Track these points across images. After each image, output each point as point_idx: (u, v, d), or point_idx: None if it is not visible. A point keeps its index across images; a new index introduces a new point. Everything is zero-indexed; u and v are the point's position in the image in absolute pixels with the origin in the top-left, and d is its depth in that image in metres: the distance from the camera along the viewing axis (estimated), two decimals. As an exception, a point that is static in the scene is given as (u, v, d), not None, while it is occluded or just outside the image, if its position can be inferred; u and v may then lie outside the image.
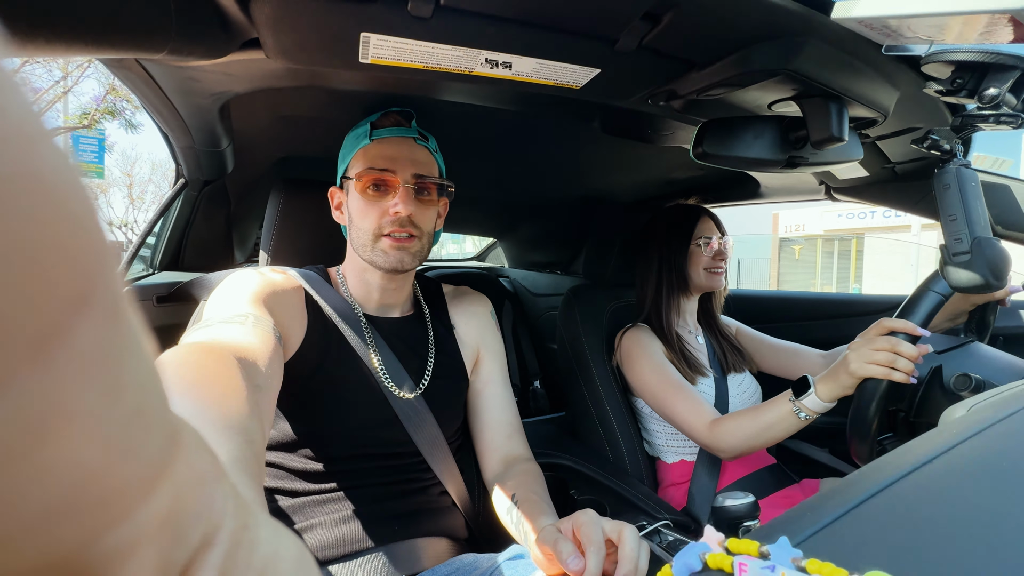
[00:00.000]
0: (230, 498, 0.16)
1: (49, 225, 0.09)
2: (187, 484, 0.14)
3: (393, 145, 0.75)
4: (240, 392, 0.42)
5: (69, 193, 0.10)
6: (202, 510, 0.14)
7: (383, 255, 0.73)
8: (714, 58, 0.61)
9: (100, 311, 0.11)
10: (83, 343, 0.10)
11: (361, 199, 0.74)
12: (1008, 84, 0.56)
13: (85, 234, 0.10)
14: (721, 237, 1.14)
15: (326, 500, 0.71)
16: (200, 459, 0.15)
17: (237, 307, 0.60)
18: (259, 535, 0.16)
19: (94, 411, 0.11)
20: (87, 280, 0.10)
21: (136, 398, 0.12)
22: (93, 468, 0.11)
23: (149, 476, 0.12)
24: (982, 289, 0.64)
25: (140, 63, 0.66)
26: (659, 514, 0.89)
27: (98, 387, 0.11)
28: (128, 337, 0.12)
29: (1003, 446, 0.33)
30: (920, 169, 0.95)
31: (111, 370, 0.11)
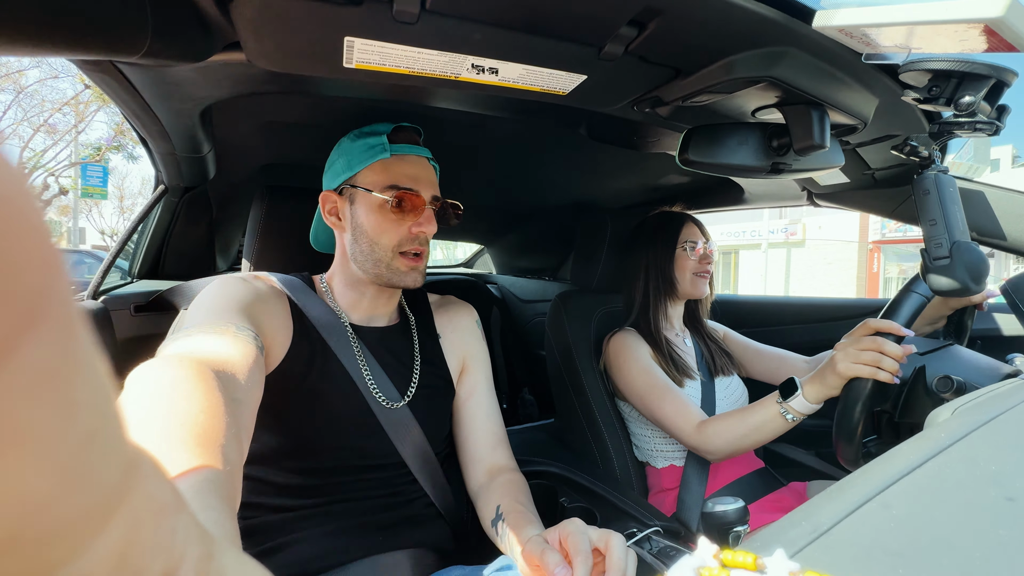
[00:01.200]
0: (192, 528, 0.15)
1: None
2: (145, 515, 0.13)
3: (415, 165, 0.75)
4: (216, 407, 0.41)
5: (16, 207, 0.10)
6: (162, 542, 0.13)
7: (399, 274, 0.74)
8: (699, 65, 0.61)
9: (51, 328, 0.10)
10: (32, 361, 0.10)
11: (380, 215, 0.73)
12: (983, 92, 0.58)
13: (33, 250, 0.10)
14: (706, 242, 1.15)
15: (310, 514, 0.69)
16: (159, 489, 0.14)
17: (218, 316, 0.59)
18: (224, 565, 0.15)
19: (43, 434, 0.10)
20: (36, 296, 0.10)
21: (89, 421, 0.11)
22: (42, 498, 0.10)
23: (103, 507, 0.12)
24: (961, 292, 0.65)
25: (116, 66, 0.64)
26: (649, 521, 0.88)
27: (48, 408, 0.10)
28: (81, 356, 0.11)
29: (990, 450, 0.33)
30: (899, 175, 0.97)
31: (62, 390, 0.10)
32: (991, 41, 0.47)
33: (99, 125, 15.46)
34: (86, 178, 10.03)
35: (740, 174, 0.74)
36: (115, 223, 15.78)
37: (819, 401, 0.82)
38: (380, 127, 0.77)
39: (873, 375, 0.76)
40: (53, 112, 11.00)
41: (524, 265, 2.21)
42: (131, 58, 0.49)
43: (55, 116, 11.01)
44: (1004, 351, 0.85)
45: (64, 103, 10.94)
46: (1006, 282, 0.78)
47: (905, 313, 0.77)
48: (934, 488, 0.28)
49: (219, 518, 0.31)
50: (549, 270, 2.12)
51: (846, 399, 0.79)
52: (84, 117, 11.14)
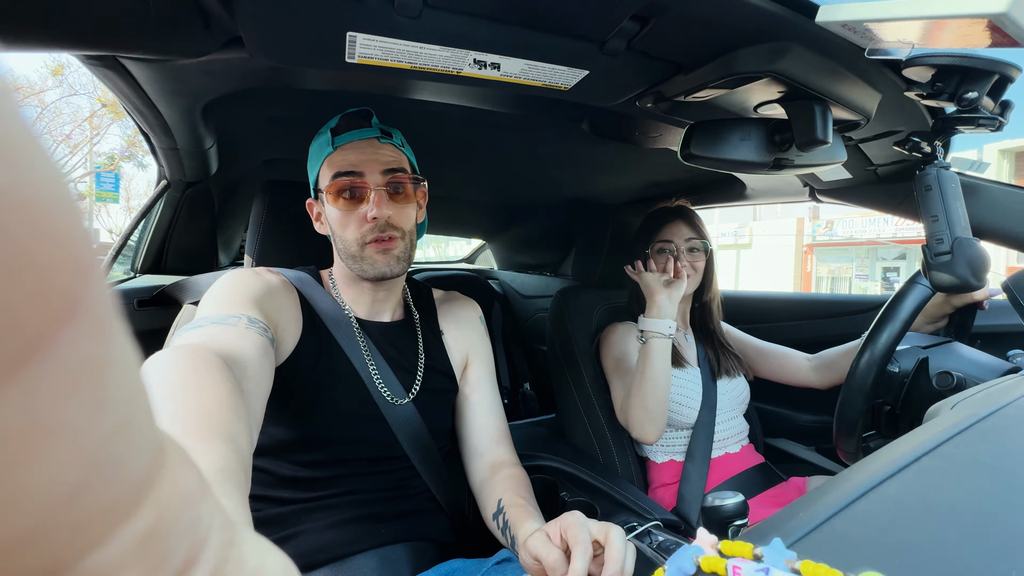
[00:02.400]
0: (216, 515, 0.15)
1: (35, 236, 0.09)
2: (171, 502, 0.13)
3: (357, 149, 0.72)
4: (227, 398, 0.41)
5: (56, 205, 0.10)
6: (186, 529, 0.14)
7: (372, 265, 0.72)
8: (701, 60, 0.61)
9: (86, 323, 0.10)
10: (67, 356, 0.10)
11: (336, 210, 0.72)
12: (986, 88, 0.58)
13: (71, 246, 0.10)
14: (690, 239, 1.12)
15: (314, 507, 0.70)
16: (185, 476, 0.14)
17: (230, 308, 0.59)
18: (245, 551, 0.16)
19: (76, 427, 0.10)
20: (72, 291, 0.10)
21: (121, 413, 0.11)
22: (72, 488, 0.10)
23: (131, 495, 0.12)
24: (963, 288, 0.65)
25: (120, 61, 0.65)
26: (649, 515, 0.89)
27: (81, 402, 0.10)
28: (114, 350, 0.11)
29: (988, 443, 0.33)
30: (901, 171, 0.97)
31: (95, 384, 0.11)
32: (995, 37, 0.47)
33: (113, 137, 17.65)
34: (100, 184, 11.07)
35: (742, 170, 0.74)
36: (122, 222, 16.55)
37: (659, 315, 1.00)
38: (332, 122, 0.75)
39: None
40: (74, 128, 12.31)
41: (525, 261, 2.21)
42: (133, 53, 0.49)
43: (74, 130, 12.30)
44: (1005, 348, 0.85)
45: (84, 119, 12.27)
46: (1007, 278, 0.78)
47: (907, 309, 0.78)
48: (931, 481, 0.28)
49: (233, 506, 0.32)
50: (550, 266, 2.12)
51: (847, 394, 0.79)
52: (98, 128, 12.41)
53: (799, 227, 15.57)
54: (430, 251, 5.46)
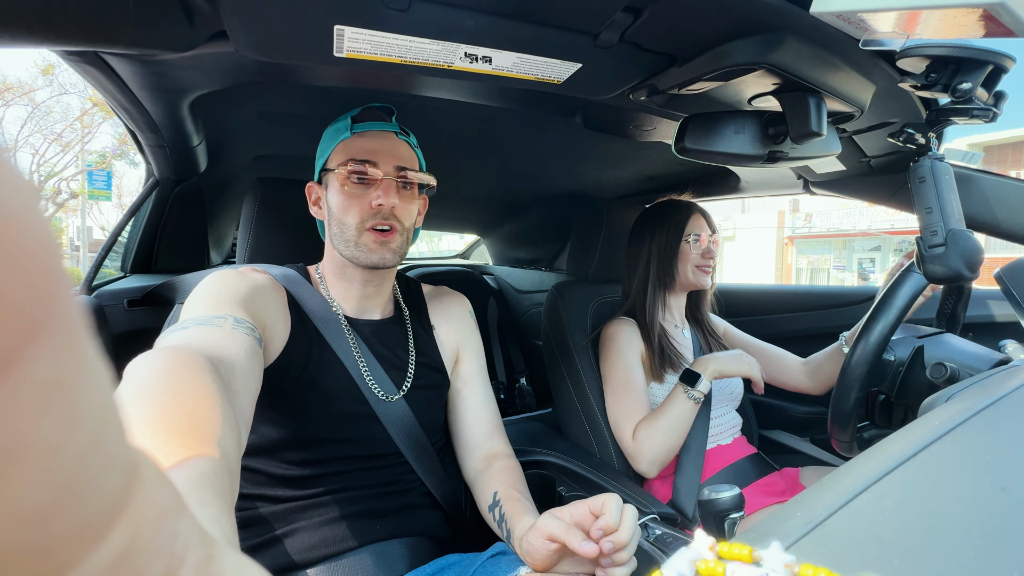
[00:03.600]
0: (194, 531, 0.15)
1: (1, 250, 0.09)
2: (146, 520, 0.13)
3: (375, 138, 0.74)
4: (213, 399, 0.41)
5: (19, 217, 0.09)
6: (162, 546, 0.13)
7: (366, 250, 0.72)
8: (695, 52, 0.61)
9: (54, 338, 0.10)
10: (36, 373, 0.10)
11: (343, 192, 0.72)
12: (980, 78, 0.58)
13: (37, 259, 0.10)
14: (712, 234, 1.14)
15: (308, 505, 0.69)
16: (160, 492, 0.14)
17: (216, 308, 0.58)
18: (224, 567, 0.15)
19: (46, 446, 0.10)
20: (41, 306, 0.10)
21: (92, 431, 0.11)
22: (43, 509, 0.10)
23: (105, 514, 0.11)
24: (956, 280, 0.65)
25: (102, 58, 0.63)
26: (646, 508, 0.89)
27: (51, 420, 0.10)
28: (84, 365, 0.11)
29: (984, 439, 0.33)
30: (895, 163, 0.97)
31: (66, 401, 0.10)
32: (989, 27, 0.47)
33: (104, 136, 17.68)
34: (92, 182, 11.19)
35: (737, 163, 0.74)
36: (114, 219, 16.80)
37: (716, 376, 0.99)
38: (351, 112, 0.77)
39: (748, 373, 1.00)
40: (65, 128, 12.41)
41: (520, 255, 2.21)
42: (113, 48, 0.47)
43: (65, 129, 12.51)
44: (996, 338, 0.85)
45: (75, 118, 12.35)
46: (1000, 269, 0.79)
47: (902, 299, 0.78)
48: (928, 478, 0.28)
49: (214, 513, 0.31)
50: (545, 260, 2.11)
51: (841, 385, 0.80)
52: (89, 127, 12.58)
53: (780, 220, 16.06)
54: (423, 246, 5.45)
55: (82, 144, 12.73)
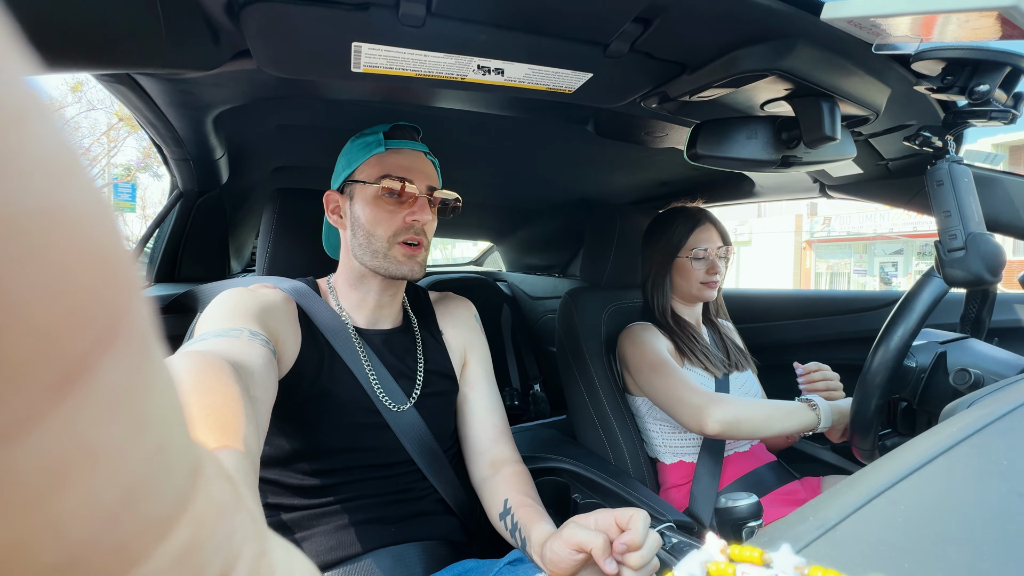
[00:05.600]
0: (249, 526, 0.15)
1: (77, 260, 0.09)
2: (207, 517, 0.13)
3: (409, 156, 0.76)
4: (237, 400, 0.42)
5: (98, 227, 0.10)
6: (222, 540, 0.14)
7: (396, 263, 0.74)
8: (705, 60, 0.61)
9: (126, 347, 0.10)
10: (108, 380, 0.10)
11: (375, 206, 0.74)
12: (998, 80, 0.57)
13: (113, 268, 0.10)
14: (720, 247, 1.10)
15: (322, 513, 0.71)
16: (220, 489, 0.14)
17: (231, 322, 0.60)
18: (274, 560, 0.16)
19: (117, 451, 0.10)
20: (114, 314, 0.10)
21: (160, 435, 0.11)
22: (112, 511, 0.10)
23: (170, 513, 0.12)
24: (977, 284, 0.64)
25: (133, 77, 0.66)
26: (662, 516, 0.89)
27: (122, 425, 0.10)
28: (154, 372, 0.11)
29: (1002, 444, 0.32)
30: (913, 165, 0.95)
31: (136, 407, 0.11)
32: (1005, 29, 0.47)
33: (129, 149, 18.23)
34: (117, 194, 11.62)
35: (750, 168, 0.74)
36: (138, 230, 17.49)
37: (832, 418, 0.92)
38: (379, 127, 0.79)
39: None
40: (93, 142, 12.80)
41: (534, 262, 2.21)
42: (146, 69, 0.50)
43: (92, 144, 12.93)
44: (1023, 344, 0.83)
45: (102, 133, 12.88)
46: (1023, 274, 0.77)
47: (922, 304, 0.76)
48: (943, 483, 0.28)
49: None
50: (559, 266, 2.12)
51: (862, 392, 0.78)
52: (115, 141, 13.16)
53: (797, 224, 15.79)
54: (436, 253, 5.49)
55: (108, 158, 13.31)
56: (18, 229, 0.08)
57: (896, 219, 13.29)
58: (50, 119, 0.09)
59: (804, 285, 15.60)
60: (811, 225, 15.75)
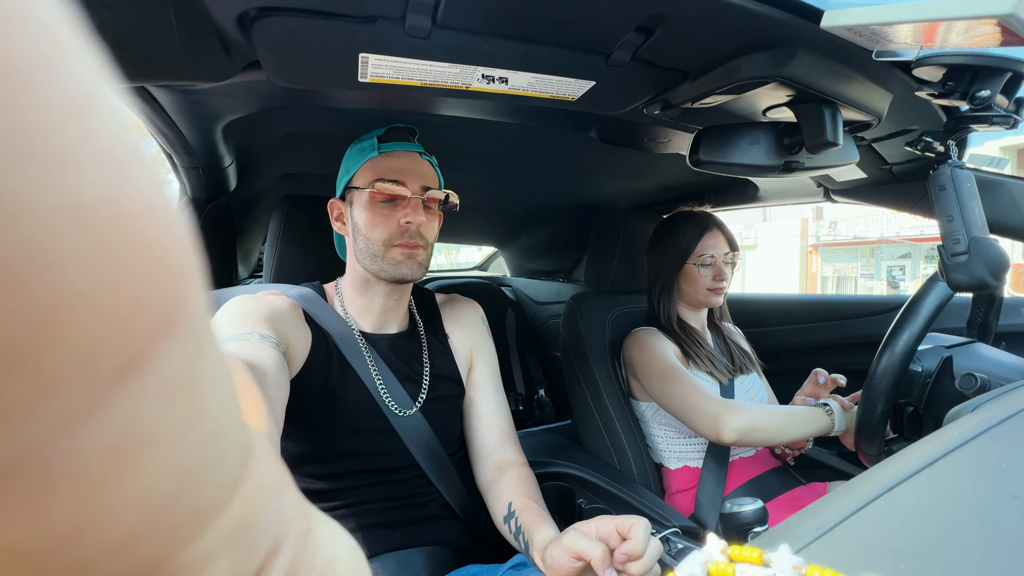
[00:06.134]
0: (296, 505, 0.16)
1: (138, 249, 0.09)
2: (258, 496, 0.14)
3: (402, 158, 0.76)
4: (256, 396, 0.43)
5: (158, 217, 0.10)
6: (271, 519, 0.14)
7: (393, 264, 0.74)
8: (707, 68, 0.62)
9: (185, 335, 0.10)
10: (168, 367, 0.10)
11: (370, 210, 0.75)
12: (999, 85, 0.57)
13: (173, 257, 0.10)
14: (727, 253, 1.10)
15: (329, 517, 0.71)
16: (269, 470, 0.15)
17: (241, 327, 0.61)
18: (319, 538, 0.17)
19: (174, 436, 0.10)
20: (174, 303, 0.10)
21: (214, 421, 0.12)
22: (170, 494, 0.11)
23: (222, 496, 0.12)
24: (981, 288, 0.64)
25: (145, 88, 0.68)
26: (668, 522, 0.88)
27: (180, 411, 0.11)
28: (209, 360, 0.12)
29: (1002, 448, 0.33)
30: (917, 170, 0.95)
31: (193, 394, 0.11)
32: (1004, 36, 0.47)
33: None
34: None
35: (752, 174, 0.74)
36: None
37: (846, 422, 0.92)
38: (376, 131, 0.79)
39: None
40: None
41: (538, 267, 2.22)
42: (160, 81, 0.51)
43: None
44: (1031, 347, 0.83)
45: None
46: None
47: (927, 308, 0.76)
48: (942, 486, 0.28)
49: None
50: (563, 272, 2.12)
51: (868, 396, 0.78)
52: None
53: (803, 228, 15.76)
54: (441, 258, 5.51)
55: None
56: (82, 218, 0.08)
57: (903, 223, 13.21)
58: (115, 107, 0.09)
59: (810, 289, 15.57)
60: (817, 229, 15.70)
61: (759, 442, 0.91)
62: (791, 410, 0.93)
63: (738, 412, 0.91)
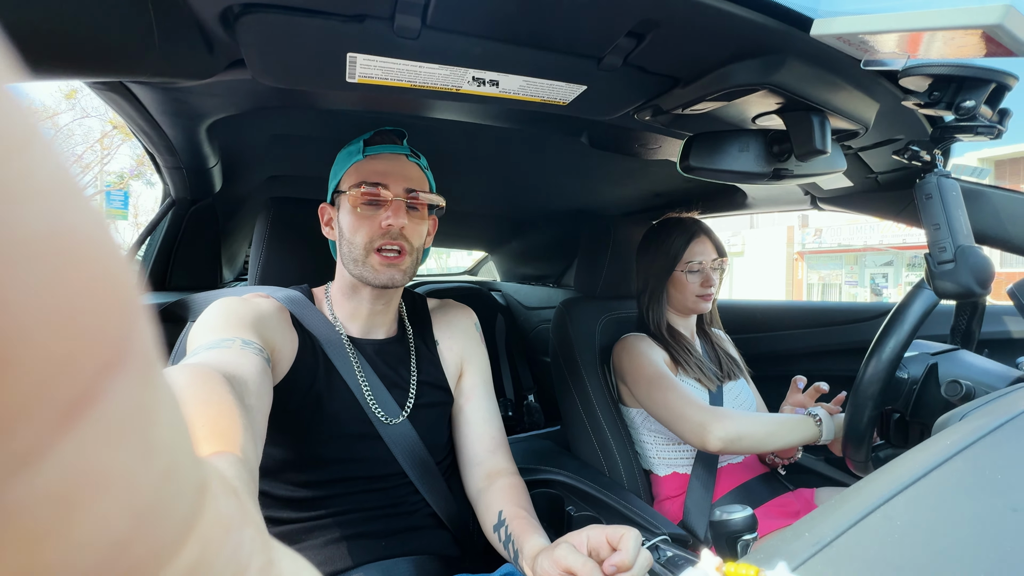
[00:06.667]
0: (257, 538, 0.15)
1: (83, 283, 0.09)
2: (215, 532, 0.13)
3: (386, 161, 0.75)
4: (232, 410, 0.42)
5: (102, 249, 0.10)
6: (230, 555, 0.14)
7: (373, 271, 0.73)
8: (697, 74, 0.62)
9: (133, 370, 0.10)
10: (116, 405, 0.10)
11: (353, 213, 0.74)
12: (984, 96, 0.58)
13: (118, 292, 0.10)
14: (715, 259, 1.11)
15: (312, 527, 0.69)
16: (227, 504, 0.14)
17: (223, 332, 0.59)
18: (282, 569, 0.16)
19: (126, 476, 0.10)
20: (121, 338, 0.10)
21: (167, 456, 0.11)
22: (123, 537, 0.10)
23: (178, 534, 0.12)
24: (967, 296, 0.64)
25: (126, 86, 0.66)
26: (657, 529, 0.88)
27: (131, 450, 0.10)
28: (160, 393, 0.11)
29: (996, 459, 0.32)
30: (903, 179, 0.97)
31: (144, 431, 0.11)
32: (990, 47, 0.48)
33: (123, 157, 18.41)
34: (110, 202, 11.55)
35: (742, 180, 0.74)
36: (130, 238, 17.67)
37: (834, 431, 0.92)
38: (365, 135, 0.78)
39: None
40: (86, 149, 12.93)
41: (528, 272, 2.22)
42: (139, 77, 0.50)
43: (86, 151, 13.13)
44: (1013, 354, 0.84)
45: (95, 140, 13.00)
46: (1013, 284, 0.78)
47: (913, 315, 0.77)
48: (938, 498, 0.28)
49: None
50: (553, 277, 2.12)
51: (855, 400, 0.78)
52: (109, 149, 13.39)
53: (789, 235, 16.08)
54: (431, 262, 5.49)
55: (101, 165, 13.37)
56: (25, 255, 0.08)
57: (886, 231, 13.52)
58: (51, 144, 0.09)
59: (796, 296, 15.87)
60: (803, 237, 16.04)
61: (745, 450, 0.92)
62: (778, 418, 0.93)
63: (724, 420, 0.91)
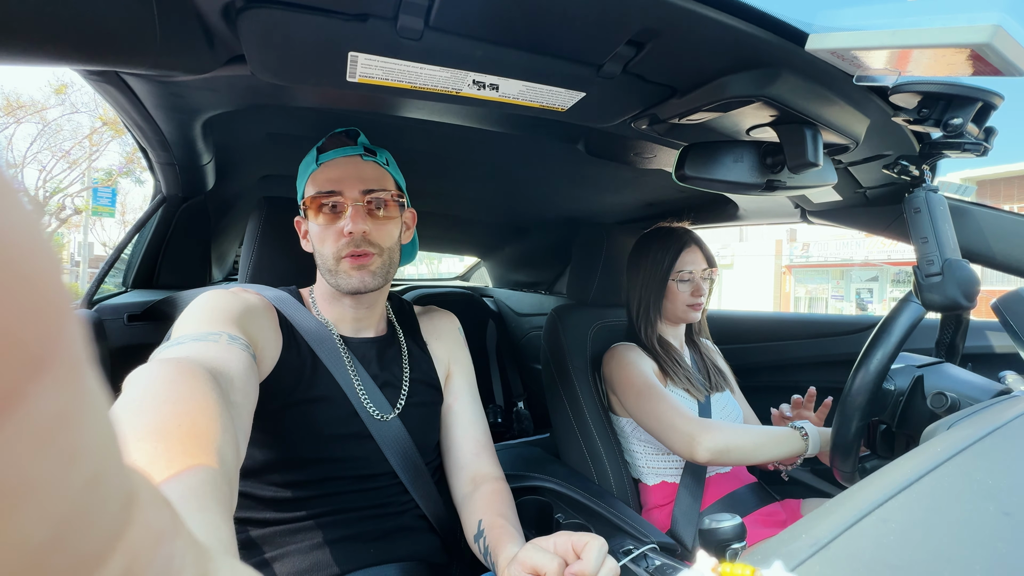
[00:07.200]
0: (189, 549, 0.15)
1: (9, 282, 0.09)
2: (143, 544, 0.13)
3: (339, 166, 0.74)
4: (213, 409, 0.41)
5: (27, 252, 0.09)
6: (160, 568, 0.13)
7: (345, 278, 0.72)
8: (694, 84, 0.63)
9: (59, 373, 0.10)
10: (38, 410, 0.09)
11: (316, 225, 0.73)
12: (971, 114, 0.60)
13: (46, 291, 0.10)
14: (705, 269, 1.12)
15: (299, 528, 0.68)
16: (157, 515, 0.14)
17: (210, 326, 0.58)
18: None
19: (49, 483, 0.10)
20: (47, 340, 0.09)
21: (93, 465, 0.11)
22: (44, 548, 0.10)
23: (104, 544, 0.11)
24: (954, 309, 0.66)
25: (121, 77, 0.65)
26: (645, 537, 0.87)
27: (54, 456, 0.10)
28: (87, 399, 0.11)
29: (986, 465, 0.33)
30: (890, 194, 0.99)
31: (68, 437, 0.10)
32: (977, 66, 0.49)
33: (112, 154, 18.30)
34: (97, 199, 11.49)
35: (735, 191, 0.75)
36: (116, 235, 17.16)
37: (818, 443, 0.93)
38: (318, 143, 0.77)
39: None
40: (74, 145, 12.91)
41: (521, 279, 2.22)
42: (136, 69, 0.49)
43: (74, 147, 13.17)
44: (995, 369, 0.85)
45: (84, 136, 12.86)
46: (996, 300, 0.79)
47: (900, 328, 0.78)
48: (932, 502, 0.28)
49: (216, 520, 0.31)
50: (545, 284, 2.13)
51: (842, 413, 0.79)
52: (98, 145, 13.25)
53: (777, 248, 16.33)
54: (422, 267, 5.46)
55: (89, 161, 13.12)
56: None
57: (871, 247, 13.78)
58: None
59: (784, 309, 16.14)
60: (791, 250, 16.29)
61: (733, 462, 0.92)
62: (766, 431, 0.94)
63: (712, 432, 0.92)
